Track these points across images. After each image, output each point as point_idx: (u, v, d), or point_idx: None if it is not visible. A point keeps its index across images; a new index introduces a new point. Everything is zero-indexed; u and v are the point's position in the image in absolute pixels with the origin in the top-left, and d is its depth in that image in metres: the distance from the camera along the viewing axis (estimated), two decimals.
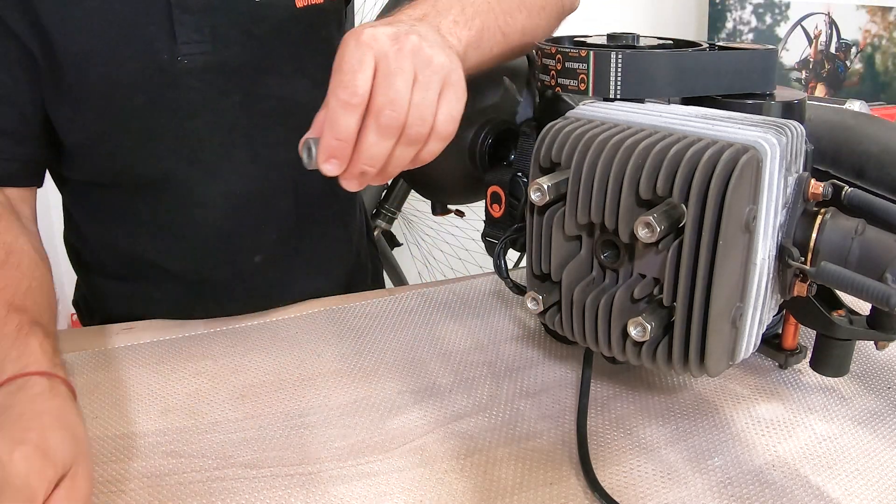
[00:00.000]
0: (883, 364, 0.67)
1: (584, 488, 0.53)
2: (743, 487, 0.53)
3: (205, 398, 0.64)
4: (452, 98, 0.54)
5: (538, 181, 0.50)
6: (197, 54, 0.70)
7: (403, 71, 0.51)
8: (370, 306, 0.79)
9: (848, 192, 0.53)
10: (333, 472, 0.55)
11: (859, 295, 0.46)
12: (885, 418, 0.60)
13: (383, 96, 0.50)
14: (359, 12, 1.52)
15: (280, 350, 0.72)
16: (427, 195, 0.87)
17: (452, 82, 0.54)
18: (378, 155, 0.52)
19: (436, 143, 0.54)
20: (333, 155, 0.51)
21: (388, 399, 0.64)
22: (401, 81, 0.51)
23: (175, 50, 0.69)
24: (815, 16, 2.01)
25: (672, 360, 0.48)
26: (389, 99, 0.50)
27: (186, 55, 0.70)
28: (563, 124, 0.52)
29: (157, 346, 0.73)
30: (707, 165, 0.45)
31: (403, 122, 0.51)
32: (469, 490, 0.53)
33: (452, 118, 0.54)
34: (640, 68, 0.56)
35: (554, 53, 0.60)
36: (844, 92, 2.01)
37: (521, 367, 0.68)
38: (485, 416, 0.61)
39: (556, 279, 0.53)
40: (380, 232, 1.72)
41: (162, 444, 0.58)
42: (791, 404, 0.62)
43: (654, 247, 0.48)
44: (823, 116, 0.61)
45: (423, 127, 0.52)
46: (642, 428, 0.59)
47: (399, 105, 0.51)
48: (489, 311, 0.78)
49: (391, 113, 0.50)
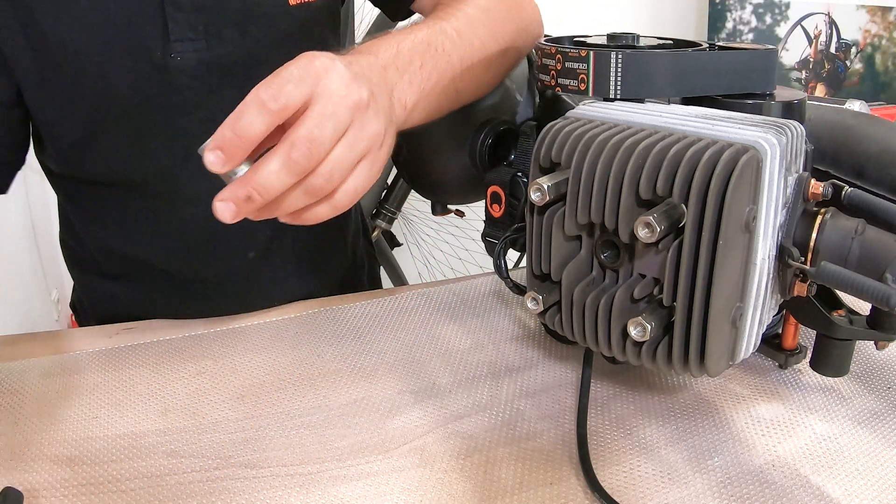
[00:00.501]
0: (883, 364, 0.67)
1: (584, 488, 0.53)
2: (743, 487, 0.53)
3: (205, 398, 0.64)
4: (366, 170, 0.50)
5: (538, 181, 0.50)
6: (190, 52, 0.70)
7: (338, 120, 0.47)
8: (370, 306, 0.79)
9: (848, 192, 0.53)
10: (333, 472, 0.55)
11: (859, 295, 0.46)
12: (885, 418, 0.60)
13: (307, 131, 0.46)
14: (359, 12, 1.52)
15: (280, 350, 0.72)
16: (427, 195, 0.87)
17: (374, 155, 0.51)
18: (272, 186, 0.46)
19: (326, 208, 0.50)
20: (221, 147, 0.46)
21: (388, 399, 0.64)
22: (331, 128, 0.47)
23: (168, 47, 0.69)
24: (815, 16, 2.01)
25: (672, 360, 0.48)
26: (312, 136, 0.46)
27: (180, 53, 0.70)
28: (563, 124, 0.52)
29: (157, 346, 0.73)
30: (707, 165, 0.45)
31: (312, 167, 0.47)
32: (469, 490, 0.53)
33: (356, 192, 0.50)
34: (640, 68, 0.56)
35: (554, 53, 0.60)
36: (844, 92, 2.01)
37: (521, 367, 0.68)
38: (485, 416, 0.61)
39: (556, 279, 0.53)
40: (380, 232, 1.72)
41: (162, 444, 0.58)
42: (791, 404, 0.62)
43: (654, 247, 0.48)
44: (823, 116, 0.61)
45: (328, 184, 0.48)
46: (642, 428, 0.59)
47: (318, 148, 0.47)
48: (489, 311, 0.78)
49: (307, 151, 0.46)
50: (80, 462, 0.57)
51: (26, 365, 0.69)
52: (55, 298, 1.81)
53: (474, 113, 0.74)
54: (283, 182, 0.46)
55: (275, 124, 0.46)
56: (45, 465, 0.56)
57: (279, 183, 0.46)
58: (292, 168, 0.46)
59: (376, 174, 0.52)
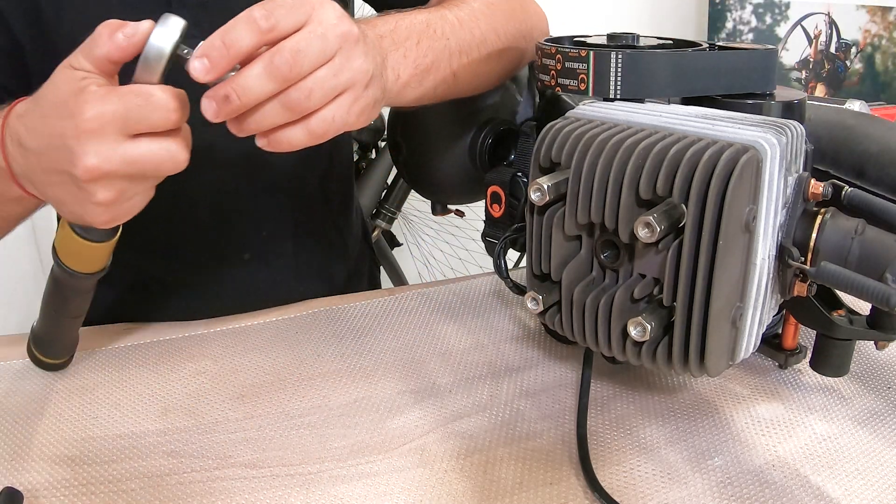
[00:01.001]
0: (883, 364, 0.67)
1: (584, 488, 0.53)
2: (743, 487, 0.53)
3: (205, 398, 0.64)
4: (347, 104, 0.50)
5: (538, 181, 0.50)
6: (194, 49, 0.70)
7: (327, 42, 0.48)
8: (370, 306, 0.79)
9: (848, 192, 0.53)
10: (333, 472, 0.55)
11: (859, 295, 0.46)
12: (885, 418, 0.60)
13: (294, 42, 0.47)
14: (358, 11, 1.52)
15: (280, 350, 0.72)
16: (427, 195, 0.87)
17: (357, 92, 0.50)
18: (251, 89, 0.47)
19: (300, 132, 0.49)
20: (208, 54, 0.47)
21: (388, 399, 0.64)
22: (318, 46, 0.47)
23: None
24: (815, 16, 2.01)
25: (672, 360, 0.48)
26: (298, 48, 0.47)
27: (184, 50, 0.70)
28: (563, 124, 0.52)
29: (157, 346, 0.73)
30: (707, 165, 0.45)
31: (294, 78, 0.47)
32: (469, 490, 0.53)
33: (332, 122, 0.50)
34: (640, 68, 0.56)
35: (554, 53, 0.60)
36: (844, 92, 2.01)
37: (521, 367, 0.68)
38: (485, 416, 0.61)
39: (556, 279, 0.53)
40: (380, 232, 1.72)
41: (162, 444, 0.58)
42: (791, 404, 0.62)
43: (654, 247, 0.48)
44: (823, 116, 0.61)
45: (306, 102, 0.48)
46: (642, 428, 0.59)
47: (301, 60, 0.47)
48: (489, 311, 0.78)
49: (290, 60, 0.46)
50: (80, 462, 0.57)
51: (26, 365, 0.69)
52: None
53: (474, 113, 0.74)
54: (262, 86, 0.47)
55: (262, 43, 0.47)
56: (45, 465, 0.56)
57: (258, 86, 0.47)
58: (273, 73, 0.46)
59: (357, 116, 0.51)
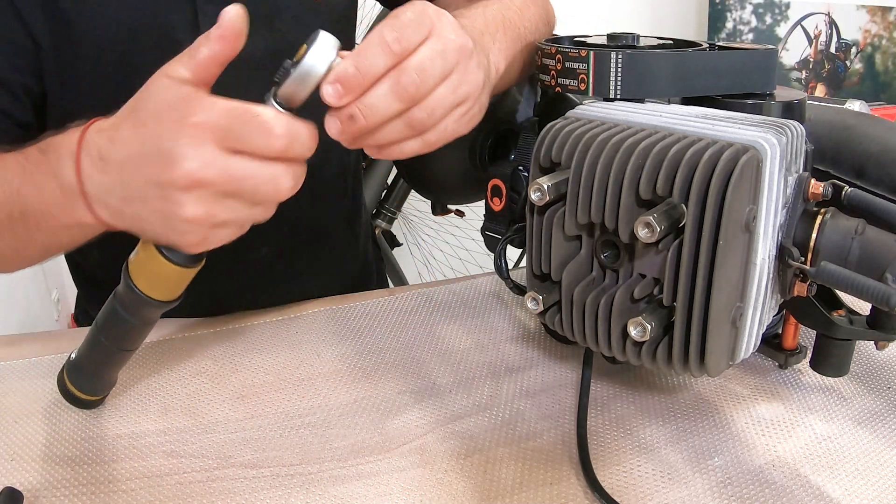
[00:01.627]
0: (883, 364, 0.67)
1: (584, 488, 0.53)
2: (743, 487, 0.53)
3: (205, 398, 0.64)
4: (459, 116, 0.52)
5: (538, 181, 0.50)
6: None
7: (447, 59, 0.49)
8: (370, 306, 0.79)
9: (848, 192, 0.53)
10: (333, 472, 0.55)
11: (859, 295, 0.46)
12: (885, 418, 0.60)
13: (419, 61, 0.48)
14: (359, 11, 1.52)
15: (280, 350, 0.72)
16: (427, 195, 0.87)
17: (470, 105, 0.53)
18: (377, 107, 0.48)
19: (417, 143, 0.52)
20: (342, 81, 0.47)
21: (388, 399, 0.64)
22: (440, 64, 0.49)
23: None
24: (815, 16, 2.01)
25: (672, 360, 0.48)
26: (423, 67, 0.48)
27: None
28: (563, 124, 0.52)
29: (157, 346, 0.73)
30: (707, 165, 0.45)
31: (420, 98, 0.49)
32: (469, 490, 0.53)
33: (447, 134, 0.52)
34: (640, 68, 0.56)
35: (554, 53, 0.60)
36: (844, 92, 2.01)
37: (521, 367, 0.68)
38: (485, 416, 0.61)
39: (556, 279, 0.53)
40: (380, 232, 1.72)
41: (162, 444, 0.58)
42: (791, 404, 0.62)
43: (654, 247, 0.48)
44: (823, 116, 0.61)
45: (429, 119, 0.50)
46: (642, 428, 0.59)
47: (426, 79, 0.49)
48: (489, 311, 0.78)
49: (416, 79, 0.48)
50: (80, 462, 0.57)
51: (26, 365, 0.69)
52: (55, 298, 1.81)
53: None
54: (388, 106, 0.48)
55: (395, 65, 0.48)
56: (45, 465, 0.56)
57: (385, 106, 0.48)
58: (400, 93, 0.48)
59: (467, 125, 0.53)
